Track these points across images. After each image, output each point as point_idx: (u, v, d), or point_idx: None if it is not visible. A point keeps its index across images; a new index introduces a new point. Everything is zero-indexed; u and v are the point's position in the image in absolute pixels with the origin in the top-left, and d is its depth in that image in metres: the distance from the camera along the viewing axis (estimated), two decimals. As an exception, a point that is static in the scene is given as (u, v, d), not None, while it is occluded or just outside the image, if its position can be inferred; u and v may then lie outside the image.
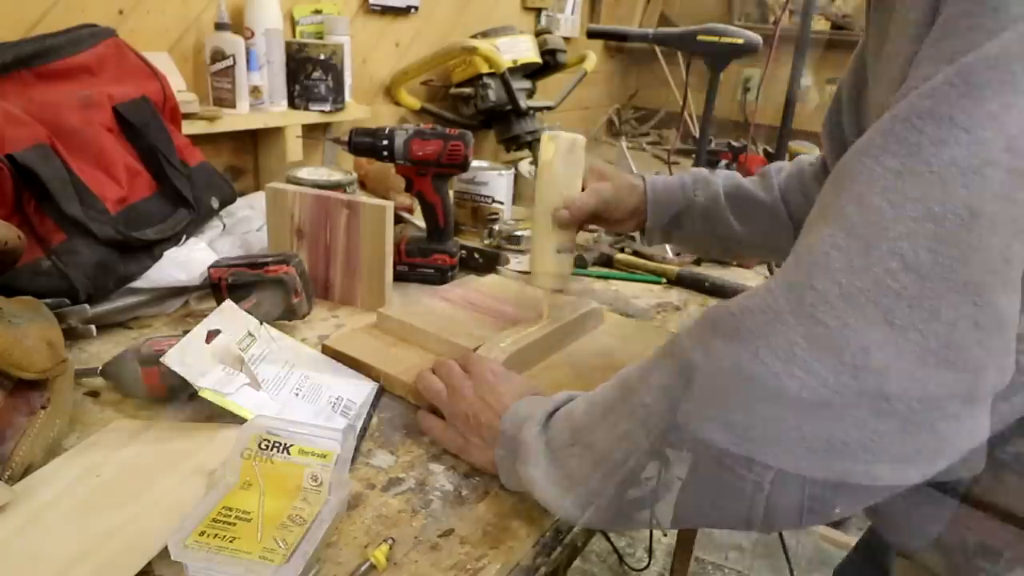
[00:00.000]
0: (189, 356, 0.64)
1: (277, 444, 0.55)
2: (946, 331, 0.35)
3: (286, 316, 0.83)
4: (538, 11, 2.06)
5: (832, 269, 0.37)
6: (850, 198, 0.38)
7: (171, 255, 0.88)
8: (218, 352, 0.67)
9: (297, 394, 0.68)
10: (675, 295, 1.11)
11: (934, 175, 0.35)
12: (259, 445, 0.54)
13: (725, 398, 0.39)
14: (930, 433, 0.36)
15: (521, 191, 1.39)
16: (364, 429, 0.67)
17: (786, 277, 0.40)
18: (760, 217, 0.88)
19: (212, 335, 0.68)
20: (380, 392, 0.74)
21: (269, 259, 0.82)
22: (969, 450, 0.38)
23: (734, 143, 1.82)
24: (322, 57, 1.28)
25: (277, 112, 1.27)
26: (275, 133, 1.28)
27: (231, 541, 0.48)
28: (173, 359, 0.63)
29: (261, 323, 0.73)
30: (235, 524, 0.50)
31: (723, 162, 1.64)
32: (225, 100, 1.17)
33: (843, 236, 0.37)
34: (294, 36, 1.35)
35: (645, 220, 0.89)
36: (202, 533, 0.49)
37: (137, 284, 0.85)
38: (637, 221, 0.90)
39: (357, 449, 0.64)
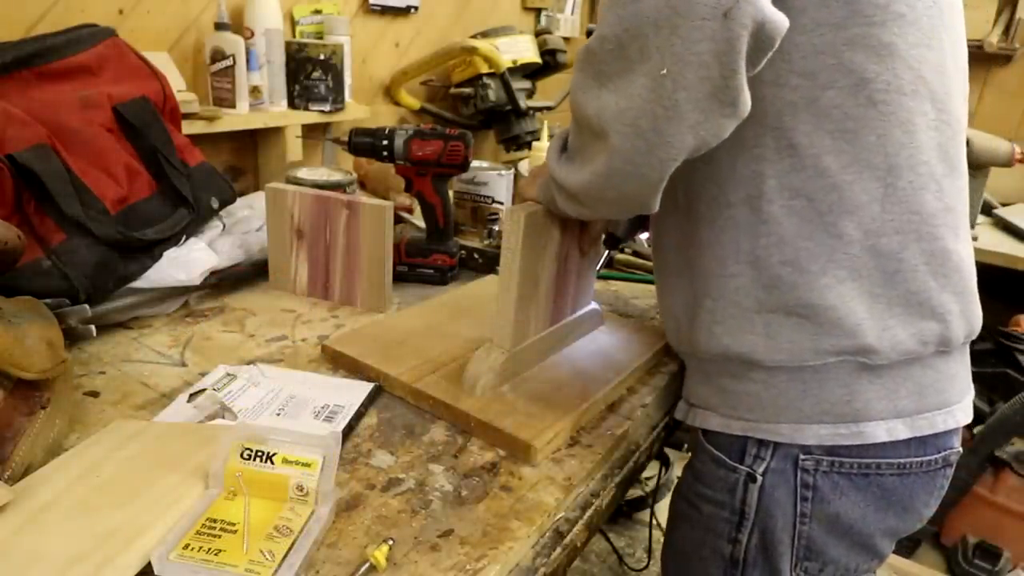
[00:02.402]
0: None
1: (260, 453, 0.54)
2: None
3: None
4: (538, 11, 2.06)
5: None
6: None
7: (171, 255, 0.88)
8: (198, 404, 0.68)
9: (279, 414, 0.68)
10: (675, 295, 1.11)
11: None
12: (241, 455, 0.54)
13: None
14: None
15: (520, 193, 1.39)
16: (351, 427, 0.67)
17: None
18: None
19: (194, 397, 0.69)
20: (378, 392, 0.74)
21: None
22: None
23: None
24: (322, 57, 1.28)
25: (277, 112, 1.27)
26: (275, 133, 1.28)
27: (216, 554, 0.48)
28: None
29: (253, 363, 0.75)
30: (220, 536, 0.50)
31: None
32: (225, 100, 1.17)
33: None
34: (294, 36, 1.35)
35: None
36: (186, 546, 0.48)
37: (137, 284, 0.85)
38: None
39: (355, 448, 0.64)
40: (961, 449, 0.68)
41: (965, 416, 0.66)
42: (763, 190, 0.60)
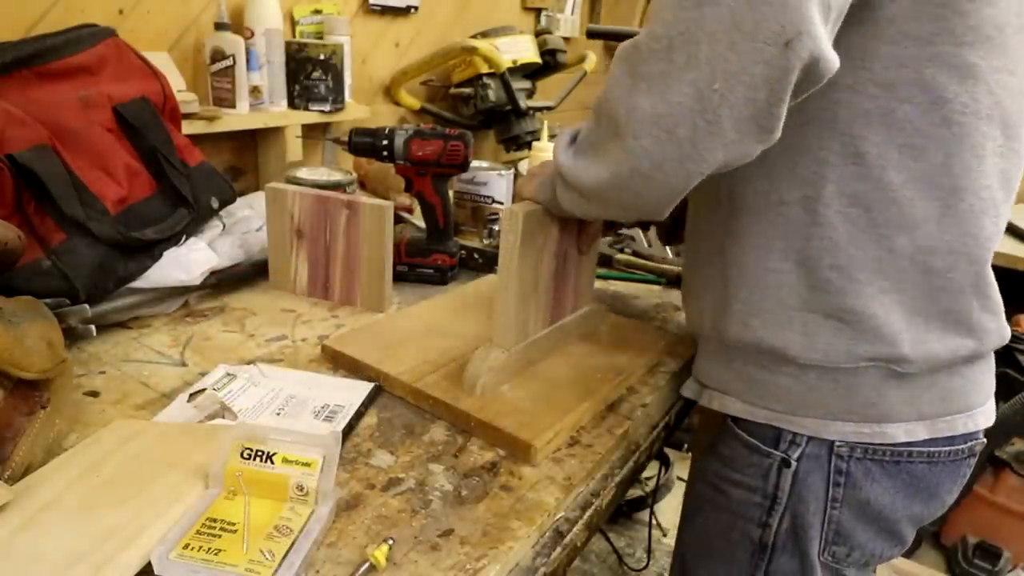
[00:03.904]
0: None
1: (260, 453, 0.54)
2: None
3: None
4: (538, 11, 2.06)
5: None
6: None
7: (171, 255, 0.88)
8: (198, 403, 0.68)
9: (279, 414, 0.68)
10: (675, 295, 1.11)
11: None
12: (241, 454, 0.54)
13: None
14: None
15: (518, 192, 1.39)
16: (351, 427, 0.67)
17: None
18: None
19: (194, 396, 0.69)
20: (378, 391, 0.74)
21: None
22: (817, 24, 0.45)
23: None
24: (322, 57, 1.28)
25: (277, 112, 1.27)
26: (275, 133, 1.28)
27: (216, 553, 0.48)
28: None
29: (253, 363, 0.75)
30: (220, 536, 0.49)
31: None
32: (225, 100, 1.17)
33: None
34: (294, 36, 1.35)
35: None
36: (186, 546, 0.48)
37: (137, 284, 0.85)
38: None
39: (355, 448, 0.64)
40: (985, 440, 0.69)
41: (986, 420, 0.68)
42: (822, 194, 0.60)
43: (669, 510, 2.04)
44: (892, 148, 0.58)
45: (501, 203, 1.29)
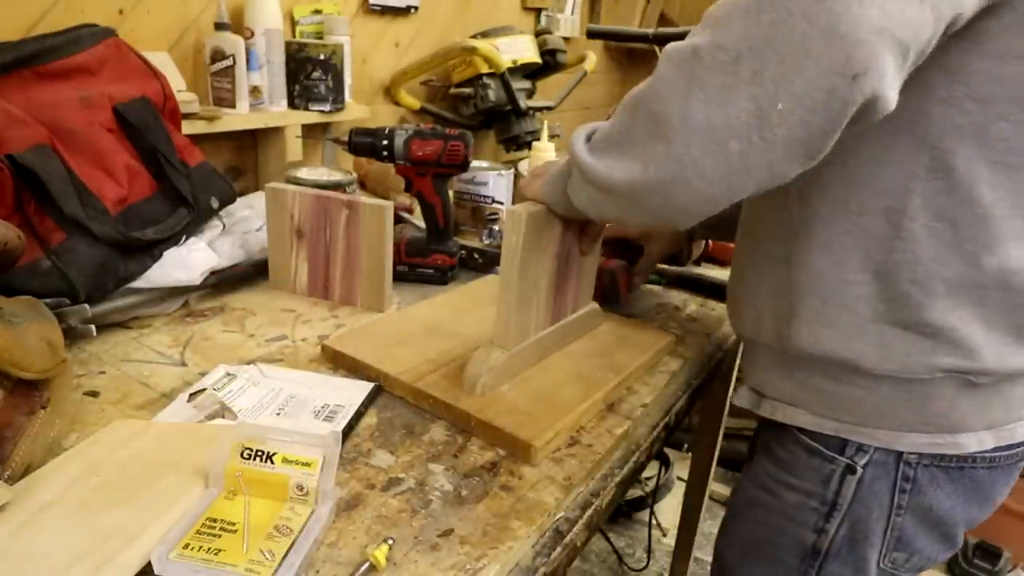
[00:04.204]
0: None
1: (260, 453, 0.54)
2: None
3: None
4: (538, 11, 2.06)
5: None
6: None
7: (171, 255, 0.88)
8: (198, 403, 0.68)
9: (279, 414, 0.68)
10: (675, 295, 1.11)
11: None
12: (241, 454, 0.54)
13: (715, 8, 0.51)
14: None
15: (520, 192, 1.39)
16: (351, 427, 0.67)
17: None
18: None
19: (194, 396, 0.69)
20: (378, 391, 0.74)
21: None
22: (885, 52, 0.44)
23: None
24: (322, 57, 1.28)
25: (277, 112, 1.27)
26: (275, 133, 1.28)
27: (216, 553, 0.48)
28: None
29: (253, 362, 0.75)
30: (220, 535, 0.49)
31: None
32: (225, 100, 1.17)
33: None
34: (294, 36, 1.35)
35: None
36: (186, 546, 0.48)
37: (137, 284, 0.85)
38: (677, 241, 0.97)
39: (355, 448, 0.64)
40: None
41: None
42: (907, 206, 0.59)
43: (669, 510, 2.04)
44: (983, 164, 0.56)
45: (501, 203, 1.29)
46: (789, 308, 0.67)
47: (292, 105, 1.31)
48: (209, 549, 0.48)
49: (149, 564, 0.47)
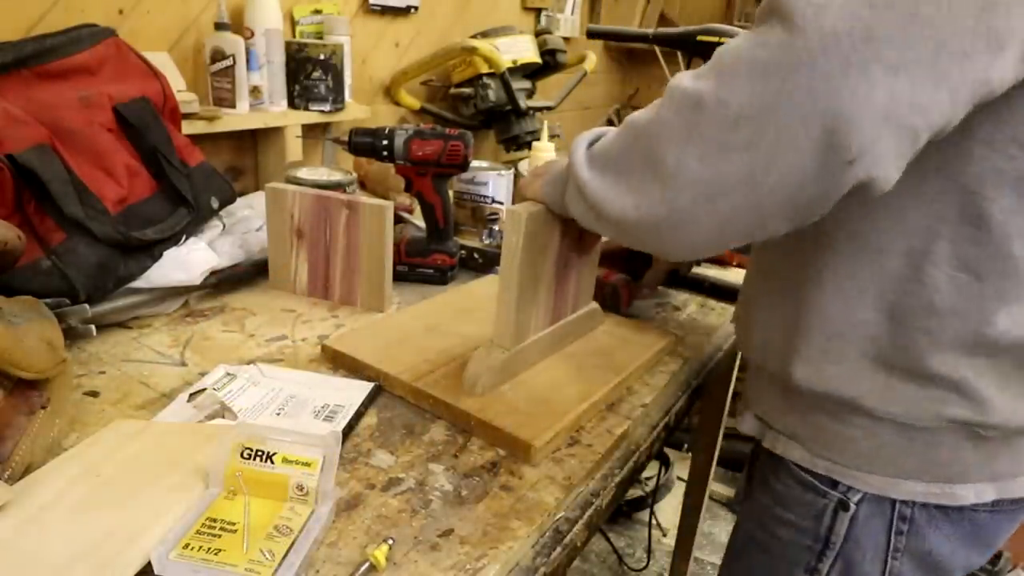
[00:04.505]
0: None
1: (260, 453, 0.54)
2: None
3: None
4: (538, 11, 2.06)
5: None
6: None
7: (171, 255, 0.88)
8: (198, 403, 0.68)
9: (279, 414, 0.68)
10: (675, 295, 1.11)
11: None
12: (241, 454, 0.54)
13: (721, 55, 0.48)
14: (863, 77, 0.41)
15: (521, 191, 1.39)
16: (351, 427, 0.67)
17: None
18: None
19: (194, 396, 0.69)
20: (378, 391, 0.74)
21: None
22: (886, 136, 0.43)
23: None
24: (322, 57, 1.28)
25: (277, 112, 1.27)
26: (275, 133, 1.28)
27: (216, 553, 0.48)
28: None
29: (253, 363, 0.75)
30: (220, 535, 0.49)
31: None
32: (225, 100, 1.17)
33: None
34: (294, 36, 1.35)
35: None
36: (186, 546, 0.48)
37: (137, 284, 0.85)
38: None
39: (355, 448, 0.64)
40: None
41: None
42: (931, 250, 0.55)
43: (669, 510, 2.04)
44: (1021, 218, 0.52)
45: (501, 203, 1.29)
46: (795, 340, 0.64)
47: (292, 105, 1.31)
48: (209, 549, 0.48)
49: (149, 564, 0.47)
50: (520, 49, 1.66)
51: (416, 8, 1.60)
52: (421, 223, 1.09)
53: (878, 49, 0.41)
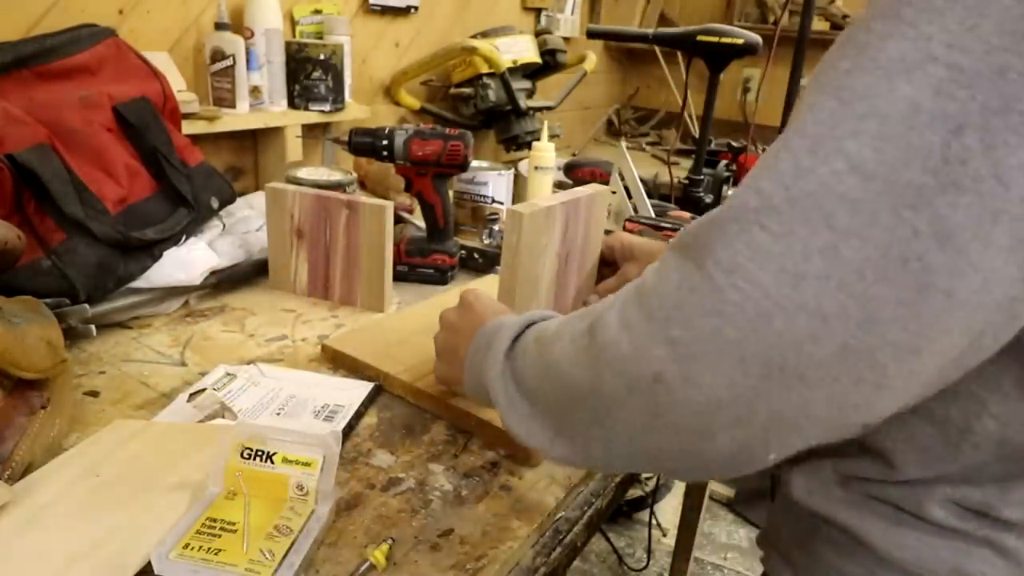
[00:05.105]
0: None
1: (260, 453, 0.54)
2: (885, 238, 0.32)
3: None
4: (538, 11, 2.06)
5: (780, 171, 0.34)
6: (807, 104, 0.36)
7: (171, 255, 0.88)
8: (198, 403, 0.68)
9: (279, 414, 0.68)
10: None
11: (880, 70, 0.33)
12: (241, 454, 0.54)
13: (669, 313, 0.36)
14: (869, 364, 0.33)
15: (520, 192, 1.39)
16: (351, 427, 0.67)
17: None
18: None
19: (194, 396, 0.69)
20: (378, 391, 0.74)
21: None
22: (907, 403, 0.35)
23: (734, 143, 1.82)
24: (322, 57, 1.28)
25: (277, 112, 1.27)
26: (275, 133, 1.28)
27: (216, 553, 0.48)
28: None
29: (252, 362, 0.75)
30: (220, 535, 0.49)
31: (723, 163, 1.64)
32: (225, 100, 1.17)
33: (795, 138, 0.35)
34: (294, 36, 1.35)
35: None
36: (186, 546, 0.48)
37: (137, 284, 0.85)
38: None
39: (355, 448, 0.64)
40: None
41: None
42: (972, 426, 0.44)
43: (669, 510, 2.05)
44: None
45: (501, 203, 1.29)
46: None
47: (292, 105, 1.31)
48: (209, 549, 0.48)
49: (149, 564, 0.47)
50: (520, 49, 1.66)
51: (416, 8, 1.60)
52: (421, 223, 1.09)
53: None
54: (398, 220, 1.20)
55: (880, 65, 0.33)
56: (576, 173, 1.52)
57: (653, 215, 1.24)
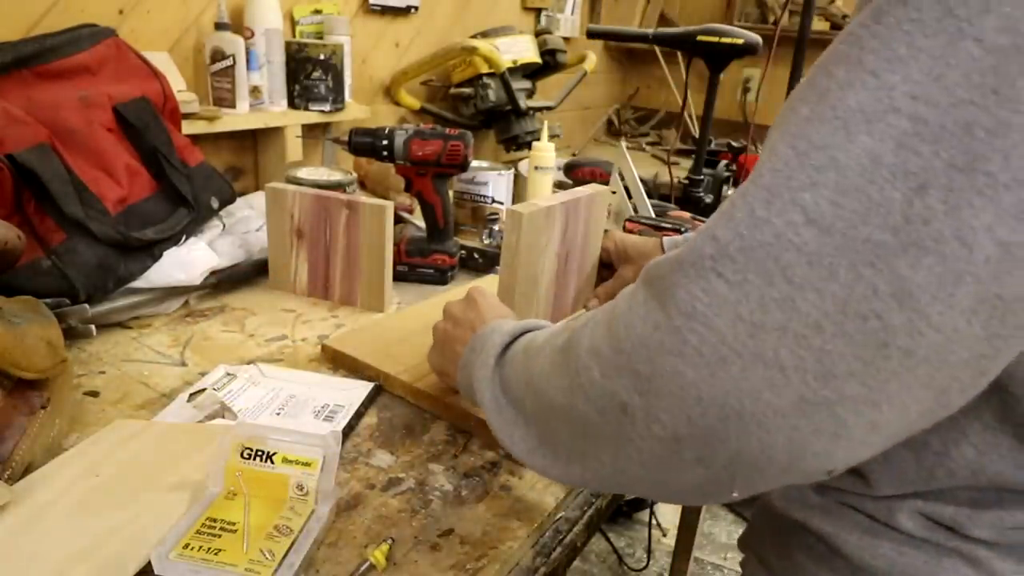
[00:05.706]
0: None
1: (260, 453, 0.54)
2: (843, 293, 0.31)
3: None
4: (538, 11, 2.06)
5: (735, 220, 0.33)
6: (767, 147, 0.35)
7: (171, 255, 0.88)
8: (198, 403, 0.68)
9: (279, 414, 0.68)
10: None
11: (839, 120, 0.32)
12: (241, 454, 0.54)
13: (634, 346, 0.36)
14: (827, 415, 0.32)
15: (520, 192, 1.39)
16: (351, 427, 0.67)
17: (698, 230, 0.37)
18: None
19: (194, 396, 0.69)
20: (378, 391, 0.74)
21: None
22: (874, 454, 0.34)
23: (734, 143, 1.82)
24: (322, 57, 1.28)
25: (277, 112, 1.27)
26: (275, 133, 1.28)
27: (216, 553, 0.48)
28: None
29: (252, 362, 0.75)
30: (220, 535, 0.49)
31: (723, 163, 1.64)
32: (225, 100, 1.17)
33: (751, 187, 0.34)
34: (294, 36, 1.35)
35: None
36: (186, 546, 0.48)
37: (137, 284, 0.85)
38: None
39: (355, 448, 0.64)
40: None
41: None
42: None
43: (669, 510, 2.04)
44: None
45: (501, 203, 1.29)
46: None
47: (292, 105, 1.31)
48: (209, 549, 0.48)
49: (149, 564, 0.47)
50: (520, 49, 1.66)
51: (416, 8, 1.60)
52: (421, 223, 1.09)
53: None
54: (398, 220, 1.20)
55: (839, 115, 0.32)
56: (576, 173, 1.53)
57: (653, 215, 1.24)
